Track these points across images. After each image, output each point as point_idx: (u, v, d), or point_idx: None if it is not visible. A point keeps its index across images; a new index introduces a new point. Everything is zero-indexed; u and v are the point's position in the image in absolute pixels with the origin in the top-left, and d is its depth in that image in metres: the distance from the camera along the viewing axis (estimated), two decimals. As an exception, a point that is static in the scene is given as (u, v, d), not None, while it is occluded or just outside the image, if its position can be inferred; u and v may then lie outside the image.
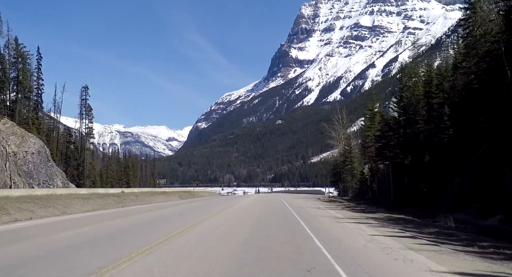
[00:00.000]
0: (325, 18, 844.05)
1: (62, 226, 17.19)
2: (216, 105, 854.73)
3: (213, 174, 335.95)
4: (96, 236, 13.88)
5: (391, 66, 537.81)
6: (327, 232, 15.32)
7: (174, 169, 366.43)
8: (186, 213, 26.01)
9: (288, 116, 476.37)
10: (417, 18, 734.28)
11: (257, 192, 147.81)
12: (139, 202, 39.48)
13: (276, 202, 42.97)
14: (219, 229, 16.00)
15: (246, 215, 24.53)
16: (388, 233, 15.40)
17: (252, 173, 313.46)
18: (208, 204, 39.92)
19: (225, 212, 27.08)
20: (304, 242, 12.37)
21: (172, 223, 18.45)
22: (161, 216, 23.65)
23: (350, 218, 22.96)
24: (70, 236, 13.72)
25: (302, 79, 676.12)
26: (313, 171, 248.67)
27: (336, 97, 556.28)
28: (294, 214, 24.73)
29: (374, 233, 15.33)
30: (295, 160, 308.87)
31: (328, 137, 71.19)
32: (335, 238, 13.49)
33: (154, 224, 18.44)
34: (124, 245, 11.38)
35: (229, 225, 17.93)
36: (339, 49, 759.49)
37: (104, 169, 76.63)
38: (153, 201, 43.21)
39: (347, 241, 12.83)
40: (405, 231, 16.39)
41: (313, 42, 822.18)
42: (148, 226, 17.29)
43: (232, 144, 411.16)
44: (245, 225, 17.70)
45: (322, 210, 30.03)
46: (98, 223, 18.56)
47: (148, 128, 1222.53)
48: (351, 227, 17.36)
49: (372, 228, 17.30)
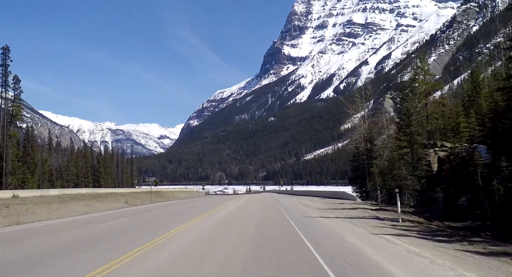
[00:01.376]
0: (318, 15, 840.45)
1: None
2: (208, 103, 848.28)
3: (203, 172, 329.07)
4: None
5: (384, 63, 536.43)
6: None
7: (164, 166, 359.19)
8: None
9: (281, 113, 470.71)
10: (410, 16, 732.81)
11: (248, 191, 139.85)
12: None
13: (276, 215, 23.91)
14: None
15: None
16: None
17: (244, 170, 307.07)
18: (144, 222, 21.15)
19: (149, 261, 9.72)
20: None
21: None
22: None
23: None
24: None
25: (295, 77, 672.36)
26: (306, 169, 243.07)
27: (329, 95, 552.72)
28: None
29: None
30: (288, 157, 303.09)
31: (345, 118, 59.21)
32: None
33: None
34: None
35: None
36: (332, 46, 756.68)
37: (65, 165, 67.38)
38: (55, 213, 26.04)
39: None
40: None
41: (306, 39, 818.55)
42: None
43: (223, 141, 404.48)
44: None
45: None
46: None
47: (139, 126, 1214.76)
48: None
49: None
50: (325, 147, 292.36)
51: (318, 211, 27.26)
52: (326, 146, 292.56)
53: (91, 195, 42.52)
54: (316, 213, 25.38)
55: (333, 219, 21.06)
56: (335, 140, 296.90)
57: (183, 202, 47.05)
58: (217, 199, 56.14)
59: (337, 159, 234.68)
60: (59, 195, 41.27)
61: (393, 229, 16.41)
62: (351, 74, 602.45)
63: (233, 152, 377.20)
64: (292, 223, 18.40)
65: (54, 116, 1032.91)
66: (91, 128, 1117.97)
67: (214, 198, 63.63)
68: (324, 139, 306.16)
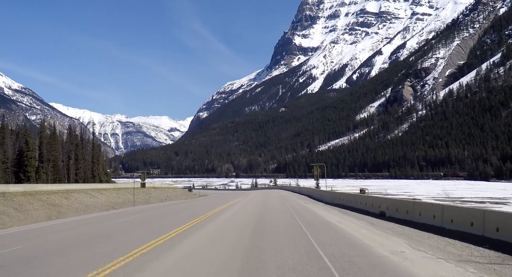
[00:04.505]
0: (330, 5, 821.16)
1: None
2: (218, 95, 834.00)
3: (210, 164, 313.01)
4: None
5: (399, 53, 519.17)
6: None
7: (170, 158, 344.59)
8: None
9: (292, 104, 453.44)
10: (425, 4, 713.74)
11: (253, 185, 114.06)
12: None
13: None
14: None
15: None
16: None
17: (253, 162, 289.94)
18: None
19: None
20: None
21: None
22: None
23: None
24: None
25: (306, 67, 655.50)
26: (321, 160, 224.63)
27: (341, 85, 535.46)
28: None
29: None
30: (300, 148, 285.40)
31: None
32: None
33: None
34: None
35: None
36: (345, 36, 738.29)
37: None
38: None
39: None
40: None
41: (318, 29, 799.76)
42: None
43: (232, 132, 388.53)
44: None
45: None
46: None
47: (150, 119, 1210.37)
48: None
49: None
50: (340, 137, 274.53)
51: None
52: (341, 137, 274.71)
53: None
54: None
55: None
56: (350, 130, 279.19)
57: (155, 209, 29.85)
58: (201, 206, 33.38)
59: (355, 150, 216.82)
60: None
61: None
62: (364, 64, 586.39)
63: (242, 143, 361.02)
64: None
65: (65, 109, 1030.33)
66: (102, 121, 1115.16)
67: (205, 202, 40.81)
68: (338, 129, 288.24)
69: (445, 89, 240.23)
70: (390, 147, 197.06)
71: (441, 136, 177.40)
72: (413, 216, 16.95)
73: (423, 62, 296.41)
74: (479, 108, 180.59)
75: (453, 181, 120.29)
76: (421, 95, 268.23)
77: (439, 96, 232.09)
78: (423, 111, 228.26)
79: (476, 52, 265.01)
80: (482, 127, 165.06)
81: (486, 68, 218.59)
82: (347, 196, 30.92)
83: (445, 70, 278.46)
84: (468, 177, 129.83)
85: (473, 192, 66.24)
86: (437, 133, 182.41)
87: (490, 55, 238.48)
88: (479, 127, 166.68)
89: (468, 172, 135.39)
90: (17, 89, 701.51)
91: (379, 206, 21.60)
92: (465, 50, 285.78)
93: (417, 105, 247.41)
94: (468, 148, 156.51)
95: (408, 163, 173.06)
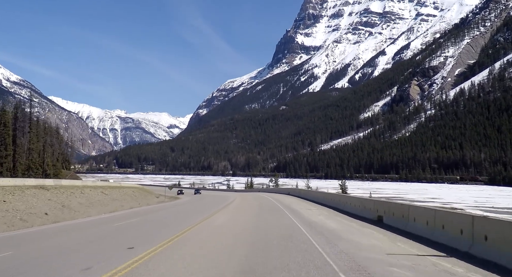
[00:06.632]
0: (333, 4, 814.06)
1: None
2: (218, 92, 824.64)
3: (206, 161, 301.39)
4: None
5: (403, 53, 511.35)
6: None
7: (165, 154, 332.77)
8: None
9: (293, 102, 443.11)
10: (430, 5, 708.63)
11: (247, 186, 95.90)
12: None
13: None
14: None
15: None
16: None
17: (252, 160, 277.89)
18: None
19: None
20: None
21: None
22: None
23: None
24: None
25: (308, 66, 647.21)
26: (323, 160, 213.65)
27: (343, 85, 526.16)
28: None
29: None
30: (301, 147, 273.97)
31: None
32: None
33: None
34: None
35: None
36: (348, 36, 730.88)
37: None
38: None
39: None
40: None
41: (320, 28, 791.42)
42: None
43: (231, 129, 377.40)
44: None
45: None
46: None
47: (149, 115, 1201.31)
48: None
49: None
50: (343, 136, 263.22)
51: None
52: (344, 136, 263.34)
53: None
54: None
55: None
56: (353, 129, 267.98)
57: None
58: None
59: (360, 149, 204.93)
60: None
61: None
62: (367, 64, 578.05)
63: (240, 140, 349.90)
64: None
65: (64, 103, 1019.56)
66: (101, 116, 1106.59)
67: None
68: (341, 128, 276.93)
69: (455, 89, 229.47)
70: (398, 147, 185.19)
71: (454, 137, 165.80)
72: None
73: (431, 61, 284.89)
74: (495, 108, 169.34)
75: (474, 186, 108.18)
76: (429, 94, 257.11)
77: (449, 96, 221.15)
78: (431, 111, 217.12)
79: (488, 51, 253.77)
80: (499, 128, 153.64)
81: (499, 67, 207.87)
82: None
83: (455, 69, 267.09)
84: (489, 182, 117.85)
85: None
86: (450, 134, 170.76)
87: (504, 54, 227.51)
88: (495, 128, 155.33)
89: (489, 176, 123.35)
90: (15, 81, 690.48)
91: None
92: (476, 49, 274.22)
93: (425, 104, 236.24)
94: (484, 150, 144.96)
95: (418, 164, 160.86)
